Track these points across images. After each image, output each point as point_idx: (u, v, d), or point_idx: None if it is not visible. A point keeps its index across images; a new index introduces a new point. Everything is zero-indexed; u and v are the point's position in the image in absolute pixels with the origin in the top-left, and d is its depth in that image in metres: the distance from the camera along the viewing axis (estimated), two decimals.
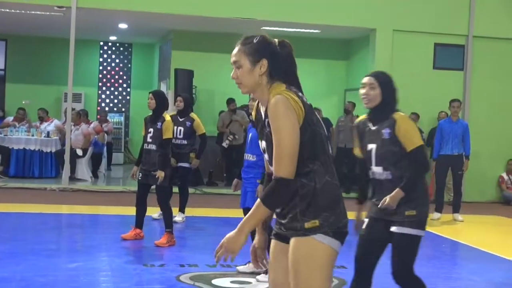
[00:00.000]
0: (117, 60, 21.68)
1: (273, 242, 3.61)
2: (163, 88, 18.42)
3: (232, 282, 7.04)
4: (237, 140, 15.02)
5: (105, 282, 6.95)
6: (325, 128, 3.50)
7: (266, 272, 7.03)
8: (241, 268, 7.39)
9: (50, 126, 16.63)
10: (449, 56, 16.11)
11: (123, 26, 18.06)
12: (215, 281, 7.03)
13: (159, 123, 8.80)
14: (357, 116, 15.65)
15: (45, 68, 20.40)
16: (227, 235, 3.40)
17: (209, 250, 8.55)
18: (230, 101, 15.99)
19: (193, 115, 10.51)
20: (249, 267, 7.34)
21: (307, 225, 3.35)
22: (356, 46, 17.85)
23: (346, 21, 15.63)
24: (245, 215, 7.18)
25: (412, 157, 4.81)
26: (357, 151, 5.17)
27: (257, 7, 15.20)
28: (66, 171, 14.85)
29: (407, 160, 4.81)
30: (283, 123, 3.27)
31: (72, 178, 15.29)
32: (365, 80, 5.00)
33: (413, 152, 4.79)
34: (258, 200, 3.34)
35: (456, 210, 12.40)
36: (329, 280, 3.43)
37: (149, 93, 9.10)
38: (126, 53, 21.75)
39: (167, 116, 8.95)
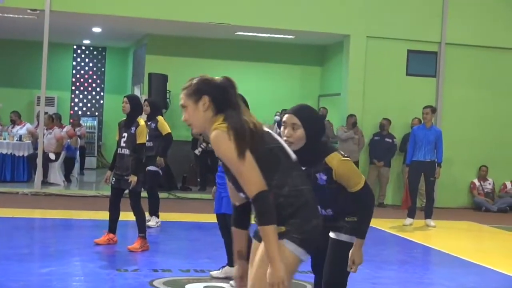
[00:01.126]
0: (91, 64, 21.59)
1: (253, 242, 3.79)
2: (137, 92, 18.36)
3: (205, 287, 7.05)
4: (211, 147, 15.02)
5: (78, 287, 6.93)
6: (277, 138, 3.64)
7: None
8: (214, 273, 7.40)
9: (22, 129, 16.53)
10: (422, 63, 16.24)
11: (97, 29, 17.99)
12: (188, 286, 7.02)
13: (133, 128, 8.76)
14: (329, 121, 15.83)
15: (18, 71, 20.26)
16: (268, 274, 3.47)
17: (182, 255, 8.57)
18: None
19: (158, 117, 10.42)
20: (222, 272, 7.35)
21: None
22: (330, 52, 17.94)
23: (320, 27, 15.70)
24: (218, 220, 7.21)
25: (357, 198, 4.39)
26: None
27: (232, 12, 15.22)
28: (38, 175, 14.75)
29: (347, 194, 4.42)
30: (229, 153, 3.44)
31: (45, 182, 15.20)
32: (285, 118, 4.36)
33: (358, 193, 4.36)
34: (259, 228, 3.48)
35: (428, 215, 12.48)
36: (289, 284, 3.56)
37: (124, 97, 9.06)
38: (99, 57, 21.68)
39: (141, 121, 8.92)
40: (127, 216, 9.32)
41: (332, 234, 4.55)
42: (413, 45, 16.07)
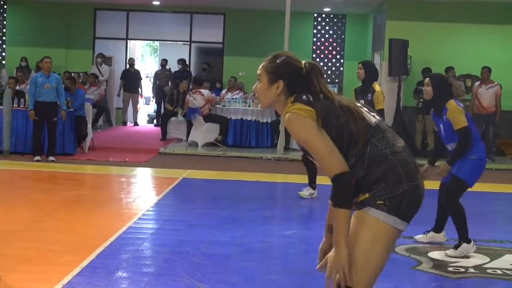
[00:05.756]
0: (331, 32, 21.74)
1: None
2: (377, 58, 18.26)
3: (446, 255, 6.87)
4: None
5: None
6: (351, 109, 3.40)
7: (456, 247, 6.80)
8: (418, 237, 7.32)
9: None
10: None
11: None
12: (431, 254, 6.90)
13: (369, 94, 8.69)
14: None
15: (261, 40, 20.87)
16: (329, 257, 3.38)
17: (424, 223, 8.41)
18: (449, 69, 15.54)
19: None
20: (426, 237, 7.31)
21: (359, 198, 3.38)
22: None
23: None
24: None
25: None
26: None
27: None
28: (281, 141, 15.16)
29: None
30: (304, 135, 3.34)
31: (287, 148, 15.57)
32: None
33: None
34: (333, 208, 3.37)
35: None
36: (382, 256, 3.38)
37: (359, 63, 8.99)
38: (339, 24, 21.76)
39: (377, 87, 8.76)
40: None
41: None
42: None
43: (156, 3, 20.69)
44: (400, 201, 3.32)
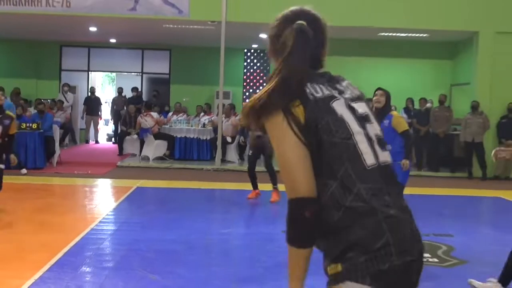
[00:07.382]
0: (258, 64, 21.85)
1: None
2: None
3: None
4: None
5: (254, 244, 7.03)
6: (349, 131, 2.08)
7: None
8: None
9: (208, 119, 16.95)
10: None
11: (263, 35, 18.18)
12: None
13: None
14: (448, 107, 15.16)
15: (201, 71, 20.85)
16: None
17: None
18: None
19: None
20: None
21: (329, 270, 2.02)
22: (461, 47, 17.15)
23: (451, 25, 15.03)
24: None
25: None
26: None
27: (374, 15, 14.89)
28: (218, 155, 15.14)
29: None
30: (273, 134, 2.06)
31: (223, 161, 15.57)
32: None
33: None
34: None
35: None
36: None
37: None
38: (265, 58, 21.85)
39: None
40: None
41: None
42: None
43: (113, 40, 20.46)
44: (380, 270, 1.91)
